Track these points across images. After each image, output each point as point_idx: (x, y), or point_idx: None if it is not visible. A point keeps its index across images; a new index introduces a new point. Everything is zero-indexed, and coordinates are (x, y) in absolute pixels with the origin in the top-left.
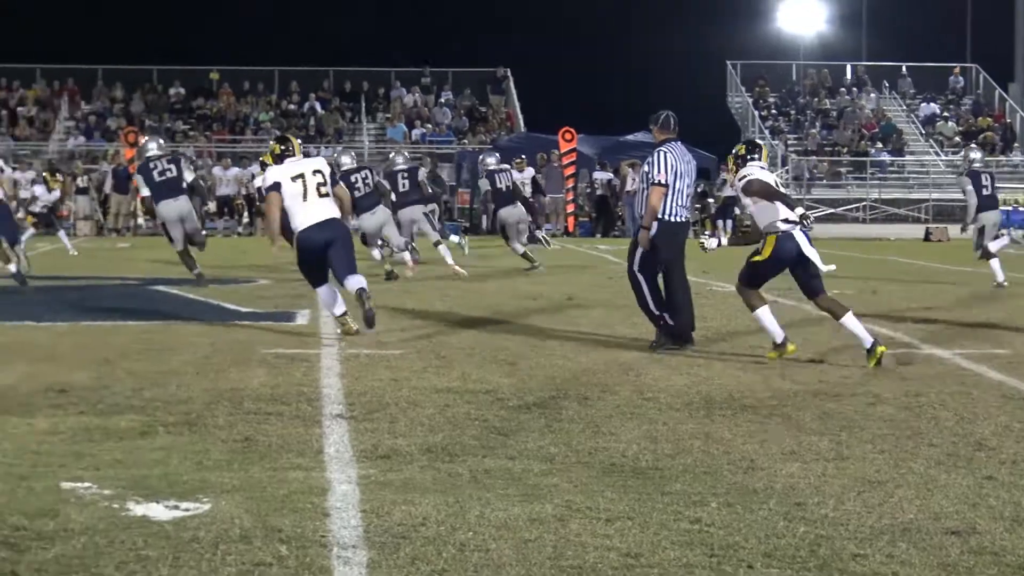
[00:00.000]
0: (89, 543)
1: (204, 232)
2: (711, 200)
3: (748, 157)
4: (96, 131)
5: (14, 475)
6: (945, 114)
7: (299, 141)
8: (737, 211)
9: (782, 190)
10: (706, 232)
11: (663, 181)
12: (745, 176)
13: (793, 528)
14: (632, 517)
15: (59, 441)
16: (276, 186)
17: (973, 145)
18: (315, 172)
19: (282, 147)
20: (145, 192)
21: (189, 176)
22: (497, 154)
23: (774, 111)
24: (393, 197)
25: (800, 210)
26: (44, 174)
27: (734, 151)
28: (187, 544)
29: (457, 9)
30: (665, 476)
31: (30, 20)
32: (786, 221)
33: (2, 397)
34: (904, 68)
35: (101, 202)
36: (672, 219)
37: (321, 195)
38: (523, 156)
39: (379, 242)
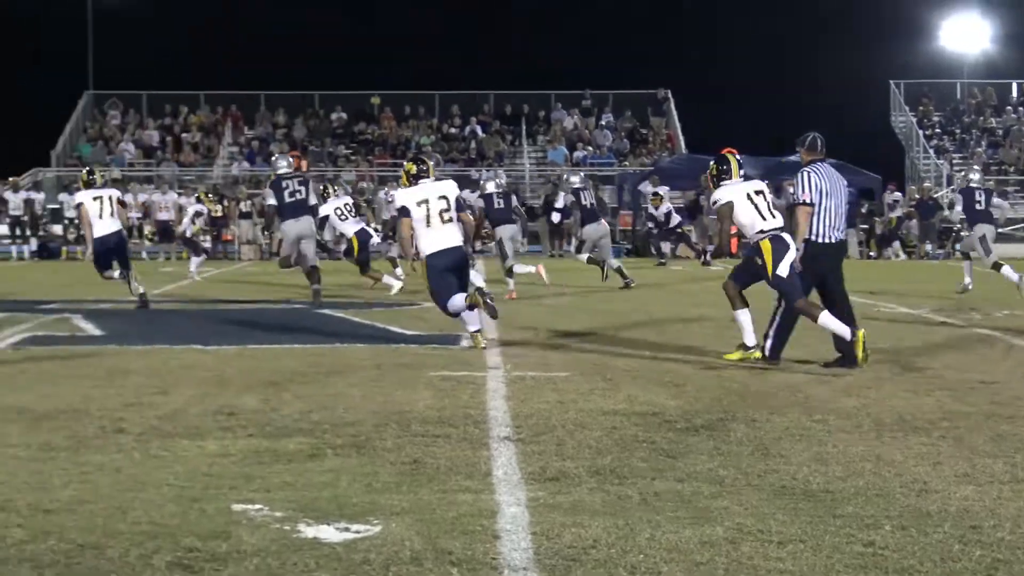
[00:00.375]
0: (262, 564)
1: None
2: (877, 220)
3: (719, 177)
4: (258, 156)
5: (186, 497)
6: None
7: (432, 163)
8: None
9: (756, 200)
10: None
11: (808, 200)
12: (717, 201)
13: (969, 552)
14: (804, 540)
15: (229, 463)
16: (404, 211)
17: (975, 167)
18: (440, 198)
19: (418, 167)
20: (272, 202)
21: (313, 199)
22: (581, 173)
23: (938, 130)
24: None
25: (779, 219)
26: (199, 195)
27: (708, 169)
28: (358, 566)
29: (617, 32)
30: (836, 499)
31: (195, 48)
32: (762, 232)
33: (172, 420)
34: None
35: (265, 227)
36: (820, 239)
37: (444, 221)
38: (660, 193)
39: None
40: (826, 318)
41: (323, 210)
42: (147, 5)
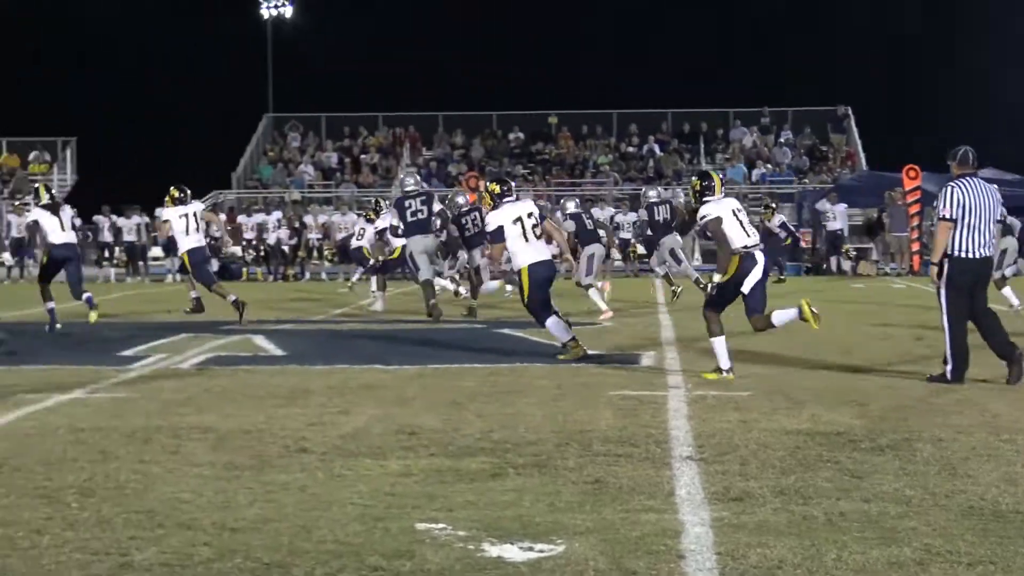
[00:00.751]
0: None
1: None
2: None
3: (703, 193)
4: (435, 177)
5: (370, 516)
6: None
7: (513, 183)
8: None
9: (740, 217)
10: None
11: (947, 216)
12: (705, 216)
13: None
14: (995, 562)
15: (412, 483)
16: (499, 232)
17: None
18: (528, 215)
19: (502, 187)
20: (395, 222)
21: (437, 221)
22: (659, 188)
23: None
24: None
25: (755, 237)
26: (368, 212)
27: (691, 185)
28: None
29: (796, 48)
30: None
31: (373, 69)
32: (744, 247)
33: (355, 439)
34: None
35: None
36: (962, 255)
37: (536, 236)
38: (773, 206)
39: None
40: (718, 342)
41: (379, 223)
42: (325, 28)
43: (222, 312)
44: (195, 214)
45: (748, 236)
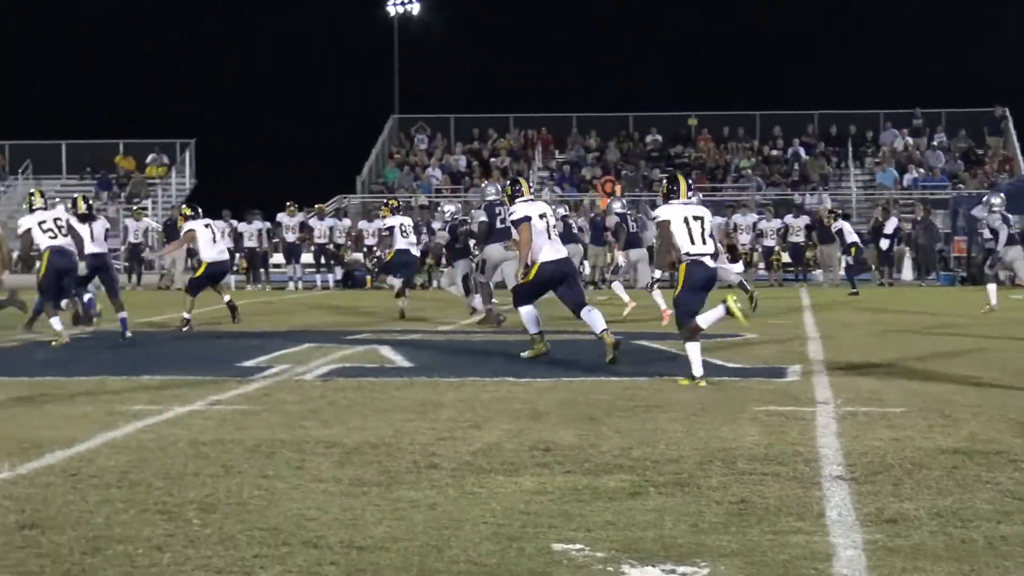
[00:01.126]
0: None
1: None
2: None
3: (668, 196)
4: (566, 182)
5: (504, 535)
6: None
7: (529, 184)
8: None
9: (692, 225)
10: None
11: None
12: (656, 217)
13: None
14: None
15: (547, 501)
16: (527, 218)
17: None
18: (541, 216)
19: (513, 187)
20: (484, 218)
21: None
22: (699, 195)
23: None
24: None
25: (709, 245)
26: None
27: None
28: None
29: (948, 48)
30: None
31: (503, 69)
32: (688, 255)
33: (487, 455)
34: None
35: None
36: None
37: (554, 235)
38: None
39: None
40: (692, 348)
41: (388, 222)
42: (454, 25)
43: (346, 321)
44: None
45: (693, 244)
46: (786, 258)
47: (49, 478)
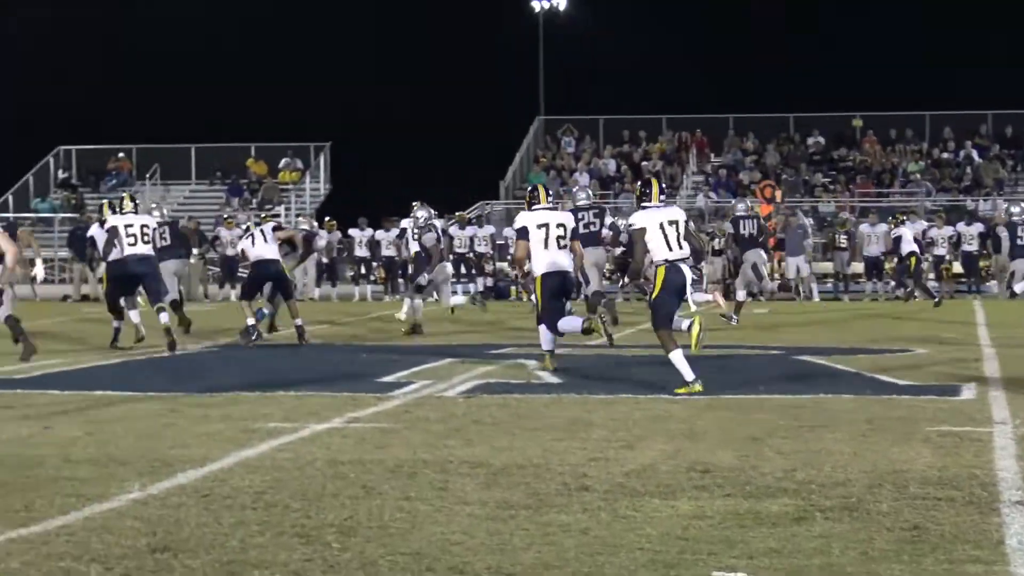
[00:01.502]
0: None
1: None
2: None
3: (640, 200)
4: (722, 187)
5: (661, 562)
6: None
7: (548, 191)
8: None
9: (668, 230)
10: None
11: None
12: (632, 224)
13: None
14: None
15: (706, 526)
16: (524, 231)
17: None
18: (559, 225)
19: (531, 195)
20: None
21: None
22: (747, 201)
23: None
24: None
25: (685, 249)
26: None
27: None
28: None
29: None
30: None
31: (653, 67)
32: (666, 260)
33: (641, 477)
34: None
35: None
36: None
37: (560, 246)
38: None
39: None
40: (676, 356)
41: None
42: (602, 22)
43: (494, 335)
44: (262, 230)
45: (671, 250)
46: (958, 268)
47: (181, 499)
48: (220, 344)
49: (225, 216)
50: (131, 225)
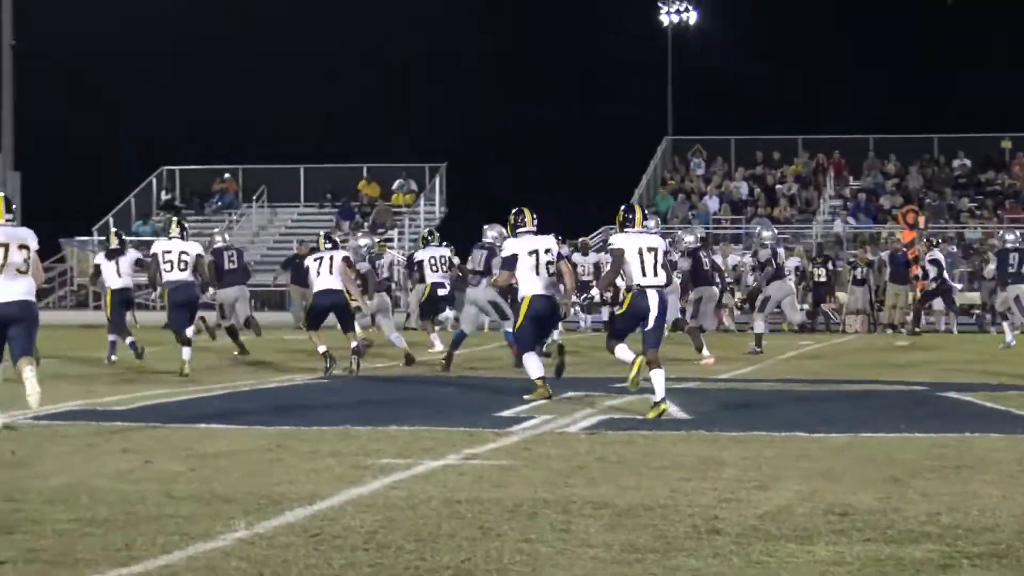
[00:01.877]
0: None
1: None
2: None
3: (623, 224)
4: (861, 211)
5: None
6: None
7: (533, 215)
8: None
9: (646, 256)
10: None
11: None
12: (611, 244)
13: None
14: None
15: (845, 573)
16: (513, 260)
17: (1017, 231)
18: (547, 251)
19: (516, 218)
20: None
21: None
22: (773, 228)
23: None
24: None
25: (661, 277)
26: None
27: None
28: None
29: None
30: None
31: (791, 85)
32: (639, 285)
33: (776, 520)
34: None
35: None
36: None
37: (549, 273)
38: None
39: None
40: (620, 351)
41: (417, 256)
42: (735, 36)
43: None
44: (331, 258)
45: (644, 276)
46: None
47: (289, 538)
48: (327, 375)
49: (301, 240)
50: (169, 251)
